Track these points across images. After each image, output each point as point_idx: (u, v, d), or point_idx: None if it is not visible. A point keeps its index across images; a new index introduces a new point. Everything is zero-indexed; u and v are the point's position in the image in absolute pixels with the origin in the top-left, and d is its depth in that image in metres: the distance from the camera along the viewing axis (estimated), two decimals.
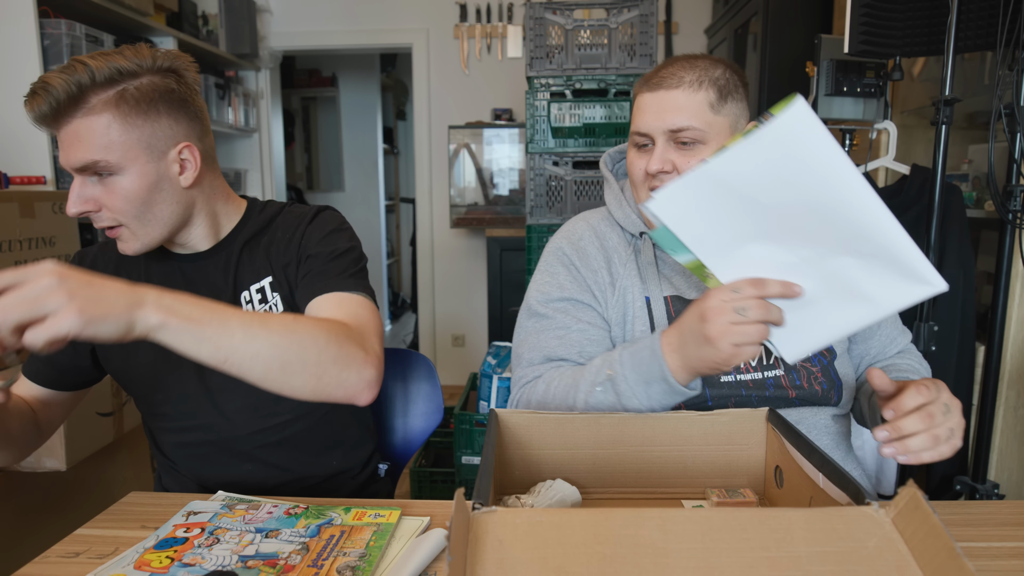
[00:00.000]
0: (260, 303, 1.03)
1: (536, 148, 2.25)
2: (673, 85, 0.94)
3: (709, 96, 0.94)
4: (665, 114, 0.94)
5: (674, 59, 0.98)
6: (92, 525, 0.81)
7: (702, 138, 0.95)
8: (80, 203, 0.91)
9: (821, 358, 1.00)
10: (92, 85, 0.85)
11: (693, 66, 0.95)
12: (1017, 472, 1.70)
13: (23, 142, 2.19)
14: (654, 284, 1.02)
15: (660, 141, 0.96)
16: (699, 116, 0.94)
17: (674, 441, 0.84)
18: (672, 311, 1.00)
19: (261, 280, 1.04)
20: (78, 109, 0.85)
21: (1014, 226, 1.52)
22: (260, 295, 1.04)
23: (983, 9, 1.48)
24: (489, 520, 0.53)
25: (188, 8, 3.16)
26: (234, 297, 1.03)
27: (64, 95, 0.84)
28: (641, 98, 0.98)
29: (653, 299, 1.01)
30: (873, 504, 0.54)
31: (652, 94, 0.96)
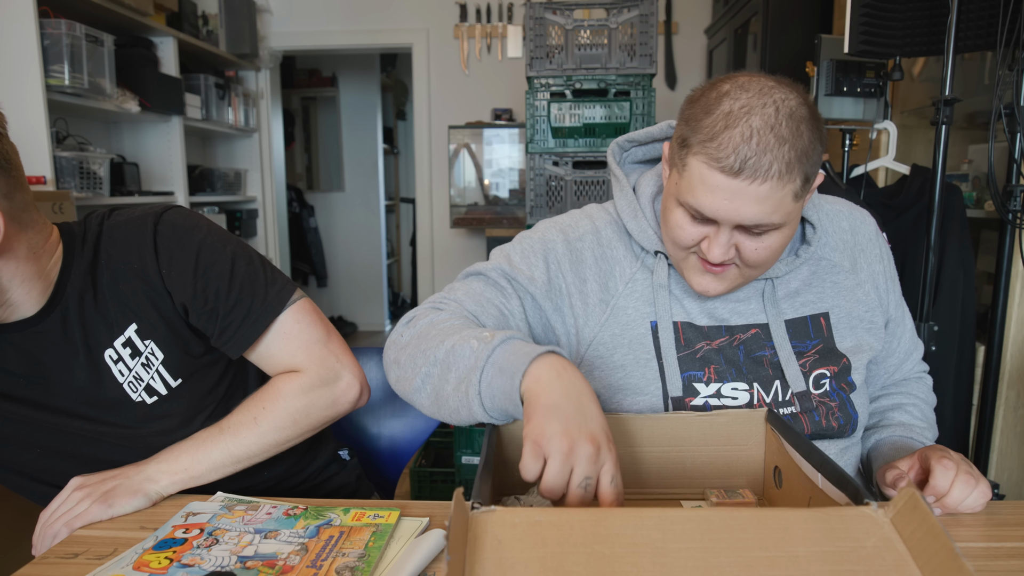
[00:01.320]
0: (132, 357, 0.88)
1: (536, 148, 2.25)
2: (760, 176, 0.73)
3: (795, 186, 0.76)
4: (742, 208, 0.76)
5: (753, 121, 0.74)
6: (91, 526, 0.81)
7: (779, 228, 0.79)
8: None
9: (840, 391, 0.90)
10: None
11: (782, 143, 0.73)
12: (1017, 472, 1.70)
13: (23, 142, 2.18)
14: (664, 308, 0.90)
15: (726, 229, 0.79)
16: (781, 210, 0.77)
17: (673, 441, 0.84)
18: (682, 339, 0.89)
19: (124, 331, 0.87)
20: None
21: (1014, 226, 1.52)
22: (129, 349, 0.88)
23: (983, 9, 1.48)
24: (488, 520, 0.53)
25: (188, 8, 3.16)
26: (93, 360, 0.87)
27: None
28: (708, 173, 0.75)
29: (662, 324, 0.89)
30: (872, 504, 0.54)
31: (728, 179, 0.74)
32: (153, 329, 0.88)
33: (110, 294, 0.87)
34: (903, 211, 1.77)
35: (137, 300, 0.87)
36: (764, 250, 0.81)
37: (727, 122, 0.74)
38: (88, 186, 2.46)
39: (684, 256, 0.86)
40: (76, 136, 2.58)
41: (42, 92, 2.18)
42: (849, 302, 0.93)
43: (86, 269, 0.87)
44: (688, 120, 0.79)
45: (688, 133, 0.78)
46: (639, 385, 0.89)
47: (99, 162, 2.52)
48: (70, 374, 0.88)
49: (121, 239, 0.88)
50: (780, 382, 0.89)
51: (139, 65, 2.75)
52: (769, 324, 0.90)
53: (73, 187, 2.37)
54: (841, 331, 0.92)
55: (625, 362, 0.90)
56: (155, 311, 0.88)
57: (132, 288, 0.87)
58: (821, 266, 0.94)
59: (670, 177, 0.84)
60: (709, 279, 0.85)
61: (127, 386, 0.89)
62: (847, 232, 0.96)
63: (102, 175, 2.54)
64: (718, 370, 0.89)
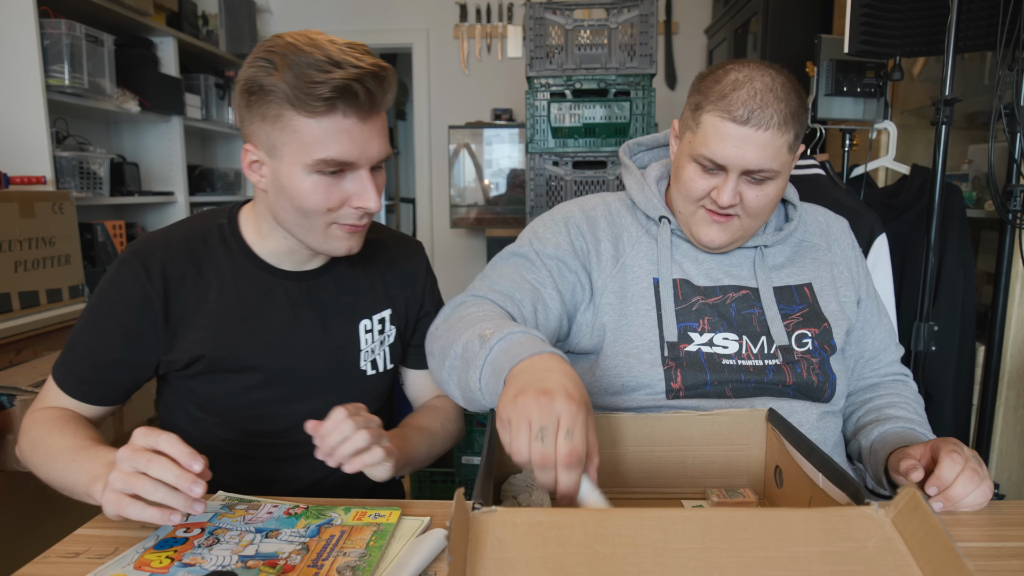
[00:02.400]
0: (379, 334, 1.03)
1: (536, 148, 2.25)
2: (763, 125, 0.90)
3: (789, 137, 0.93)
4: (748, 153, 0.91)
5: (755, 83, 0.91)
6: (92, 525, 0.81)
7: (775, 176, 0.94)
8: None
9: (821, 351, 1.00)
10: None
11: (779, 100, 0.91)
12: (1017, 472, 1.70)
13: (23, 142, 2.19)
14: (666, 267, 1.02)
15: (734, 175, 0.94)
16: (779, 158, 0.93)
17: (674, 441, 0.84)
18: (680, 294, 1.01)
19: (381, 311, 1.03)
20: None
21: (1014, 226, 1.52)
22: (380, 326, 1.03)
23: (983, 9, 1.48)
24: (489, 520, 0.53)
25: (188, 8, 3.16)
26: (353, 323, 1.00)
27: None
28: (721, 124, 0.92)
29: (663, 281, 1.02)
30: (873, 504, 0.54)
31: (738, 127, 0.90)
32: (399, 319, 1.05)
33: (380, 279, 1.03)
34: (903, 211, 1.77)
35: (399, 296, 1.05)
36: (763, 197, 0.95)
37: (735, 86, 0.92)
38: (88, 186, 2.46)
39: (694, 210, 1.00)
40: (76, 136, 2.58)
41: (42, 92, 2.18)
42: (828, 274, 1.07)
43: (367, 249, 1.00)
44: (700, 90, 0.96)
45: (701, 99, 0.95)
46: (639, 332, 0.99)
47: (99, 162, 2.52)
48: (324, 328, 0.99)
49: (407, 248, 1.09)
50: (766, 337, 1.00)
51: (139, 65, 2.75)
52: (759, 288, 1.03)
53: (73, 187, 2.37)
54: (825, 298, 1.05)
55: (628, 311, 1.01)
56: (405, 309, 1.06)
57: (398, 286, 1.05)
58: (802, 246, 1.09)
59: (683, 140, 1.00)
60: (716, 229, 0.99)
61: (362, 354, 1.02)
62: (823, 224, 1.12)
63: (102, 175, 2.53)
64: (711, 321, 1.00)
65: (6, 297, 1.82)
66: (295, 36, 0.81)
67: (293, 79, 0.78)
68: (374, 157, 0.85)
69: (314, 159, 0.81)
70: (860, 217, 1.64)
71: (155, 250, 0.92)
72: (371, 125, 0.83)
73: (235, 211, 0.98)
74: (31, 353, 1.83)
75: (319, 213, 0.85)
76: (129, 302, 0.90)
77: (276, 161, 0.84)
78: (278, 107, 0.80)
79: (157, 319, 0.91)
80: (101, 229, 2.44)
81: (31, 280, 1.91)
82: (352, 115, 0.80)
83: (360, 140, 0.82)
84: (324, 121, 0.80)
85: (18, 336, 1.81)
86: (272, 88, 0.79)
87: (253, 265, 0.95)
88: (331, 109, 0.79)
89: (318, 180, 0.83)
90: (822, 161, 1.81)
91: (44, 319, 1.90)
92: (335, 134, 0.80)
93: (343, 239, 0.89)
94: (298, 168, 0.83)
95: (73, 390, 0.92)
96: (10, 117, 2.19)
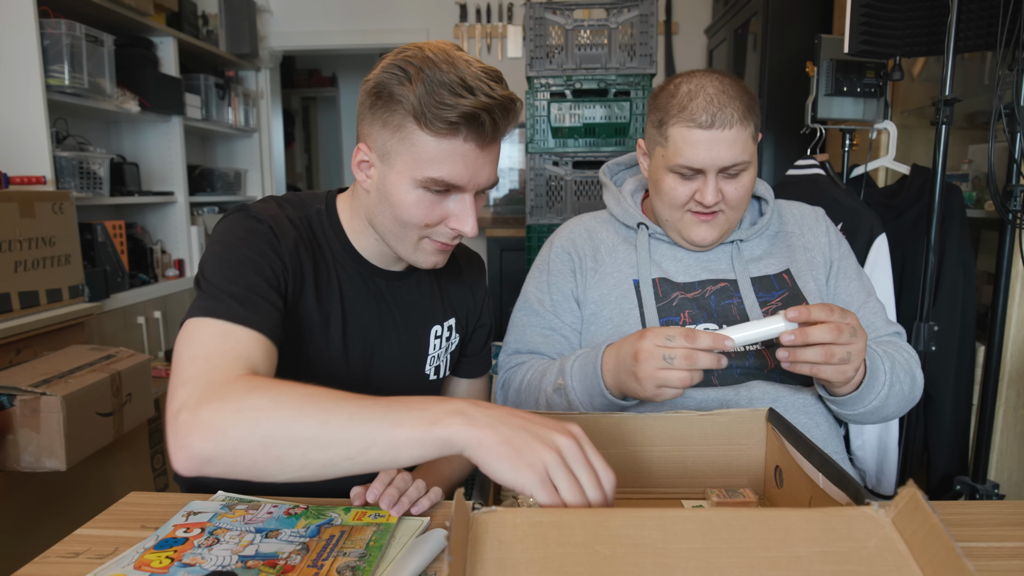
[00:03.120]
0: (446, 340, 1.06)
1: (536, 148, 2.25)
2: (727, 124, 0.97)
3: (751, 129, 1.00)
4: (720, 153, 0.98)
5: (708, 89, 0.99)
6: (92, 525, 0.81)
7: (747, 167, 1.01)
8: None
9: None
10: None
11: (733, 99, 0.98)
12: (1017, 472, 1.70)
13: (23, 142, 2.19)
14: (645, 268, 1.10)
15: (712, 175, 1.00)
16: (747, 149, 1.00)
17: (674, 441, 0.84)
18: (659, 292, 1.08)
19: (449, 318, 1.06)
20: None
21: (1014, 226, 1.52)
22: (448, 332, 1.06)
23: (983, 9, 1.48)
24: (489, 520, 0.53)
25: (188, 8, 3.16)
26: (426, 328, 1.02)
27: None
28: (688, 133, 0.99)
29: (643, 281, 1.09)
30: (873, 504, 0.54)
31: (705, 132, 0.98)
32: (462, 328, 1.08)
33: (443, 285, 1.06)
34: (903, 211, 1.77)
35: (461, 305, 1.08)
36: (741, 188, 1.02)
37: (691, 96, 0.99)
38: (88, 186, 2.46)
39: (680, 215, 1.06)
40: (76, 136, 2.58)
41: (42, 92, 2.18)
42: (804, 257, 1.13)
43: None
44: (658, 107, 1.03)
45: (662, 115, 1.02)
46: (624, 329, 1.05)
47: (99, 162, 2.52)
48: (403, 328, 1.01)
49: (471, 258, 1.13)
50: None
51: (139, 65, 2.75)
52: (737, 279, 1.08)
53: (73, 187, 2.37)
54: (803, 278, 1.10)
55: (613, 315, 1.09)
56: (466, 319, 1.09)
57: (460, 296, 1.08)
58: (778, 236, 1.15)
59: (654, 156, 1.06)
60: (705, 228, 1.06)
61: (428, 359, 1.04)
62: (797, 215, 1.18)
63: (102, 175, 2.53)
64: (692, 314, 1.06)
65: (6, 297, 1.82)
66: (434, 50, 0.81)
67: (424, 95, 0.78)
68: (482, 184, 0.86)
69: (425, 176, 0.82)
70: (860, 217, 1.64)
71: (283, 221, 0.88)
72: (488, 153, 0.84)
73: (332, 199, 0.98)
74: (31, 353, 1.83)
75: (416, 227, 0.86)
76: (269, 252, 0.84)
77: (387, 167, 0.85)
78: (402, 117, 0.81)
79: (285, 283, 0.86)
80: (101, 229, 2.44)
81: (31, 280, 1.91)
82: (472, 141, 0.81)
83: (474, 166, 0.83)
84: (444, 142, 0.80)
85: (18, 336, 1.81)
86: (401, 98, 0.80)
87: (349, 256, 0.96)
88: (454, 132, 0.80)
89: (423, 195, 0.84)
90: (822, 161, 1.81)
91: (44, 319, 1.90)
92: (452, 156, 0.81)
93: (432, 254, 0.90)
94: (406, 179, 0.83)
95: (263, 327, 0.77)
96: (10, 117, 2.19)
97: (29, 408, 1.45)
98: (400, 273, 1.00)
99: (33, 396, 1.45)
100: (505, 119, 0.82)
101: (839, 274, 1.13)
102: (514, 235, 3.31)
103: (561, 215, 2.24)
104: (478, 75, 0.79)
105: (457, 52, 0.82)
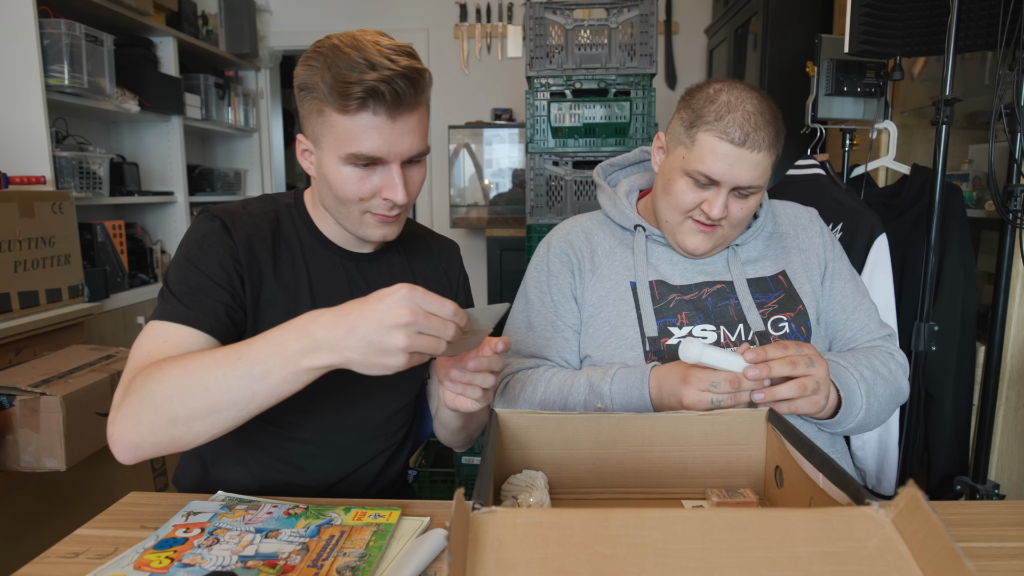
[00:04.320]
0: None
1: (536, 148, 2.25)
2: (757, 146, 0.97)
3: (774, 158, 1.01)
4: (742, 172, 0.98)
5: (747, 106, 0.98)
6: (92, 525, 0.81)
7: (759, 191, 1.02)
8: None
9: (799, 334, 1.06)
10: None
11: (768, 124, 0.98)
12: (1017, 472, 1.70)
13: (23, 142, 2.19)
14: (642, 270, 1.10)
15: (725, 190, 1.00)
16: (765, 175, 1.01)
17: (674, 441, 0.84)
18: (656, 294, 1.09)
19: None
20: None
21: (1014, 226, 1.52)
22: None
23: (983, 9, 1.48)
24: (489, 520, 0.53)
25: (188, 8, 3.16)
26: None
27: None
28: (718, 144, 0.98)
29: (639, 283, 1.09)
30: (873, 504, 0.54)
31: (734, 148, 0.97)
32: None
33: (415, 268, 1.08)
34: (903, 211, 1.77)
35: (435, 285, 1.09)
36: (746, 209, 1.03)
37: (729, 107, 0.98)
38: (88, 186, 2.46)
39: (681, 220, 1.06)
40: (76, 136, 2.58)
41: (42, 92, 2.18)
42: (799, 259, 1.14)
43: (407, 237, 1.09)
44: (692, 107, 1.01)
45: (694, 117, 1.00)
46: (622, 332, 1.07)
47: (99, 162, 2.52)
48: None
49: (440, 242, 1.15)
50: (743, 325, 1.06)
51: (139, 65, 2.75)
52: (733, 281, 1.09)
53: (73, 187, 2.37)
54: (799, 280, 1.11)
55: (610, 317, 1.09)
56: (452, 298, 1.05)
57: (434, 276, 1.10)
58: (773, 238, 1.16)
59: (674, 154, 1.05)
60: (701, 238, 1.06)
61: None
62: (791, 216, 1.19)
63: (102, 175, 2.53)
64: (689, 315, 1.07)
65: (6, 297, 1.82)
66: (342, 37, 0.87)
67: (331, 79, 0.84)
68: (404, 153, 0.89)
69: (346, 152, 0.87)
70: (860, 217, 1.64)
71: (241, 216, 0.97)
72: (402, 123, 0.87)
73: (300, 193, 1.05)
74: (31, 353, 1.83)
75: (352, 202, 0.91)
76: (220, 249, 0.93)
77: (320, 151, 0.91)
78: (320, 103, 0.87)
79: (240, 275, 0.93)
80: (101, 229, 2.44)
81: (31, 280, 1.91)
82: (382, 114, 0.85)
83: (390, 137, 0.87)
84: (356, 119, 0.85)
85: (18, 336, 1.81)
86: (314, 86, 0.86)
87: (318, 243, 1.02)
88: (362, 107, 0.85)
89: (351, 172, 0.89)
90: (822, 161, 1.81)
91: (44, 319, 1.90)
92: (366, 131, 0.86)
93: (376, 227, 0.95)
94: (334, 159, 0.89)
95: (197, 321, 0.86)
96: (10, 117, 2.19)
97: (29, 408, 1.45)
98: (369, 255, 1.04)
99: (33, 396, 1.45)
100: (411, 88, 0.86)
101: (833, 275, 1.14)
102: (514, 235, 3.31)
103: (561, 215, 2.24)
104: (382, 51, 0.85)
105: (369, 36, 0.87)
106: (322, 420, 1.00)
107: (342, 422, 1.01)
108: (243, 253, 0.94)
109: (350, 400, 1.01)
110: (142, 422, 0.75)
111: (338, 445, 1.02)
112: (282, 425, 0.99)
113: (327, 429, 1.01)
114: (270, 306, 0.96)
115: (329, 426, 1.01)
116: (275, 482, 0.99)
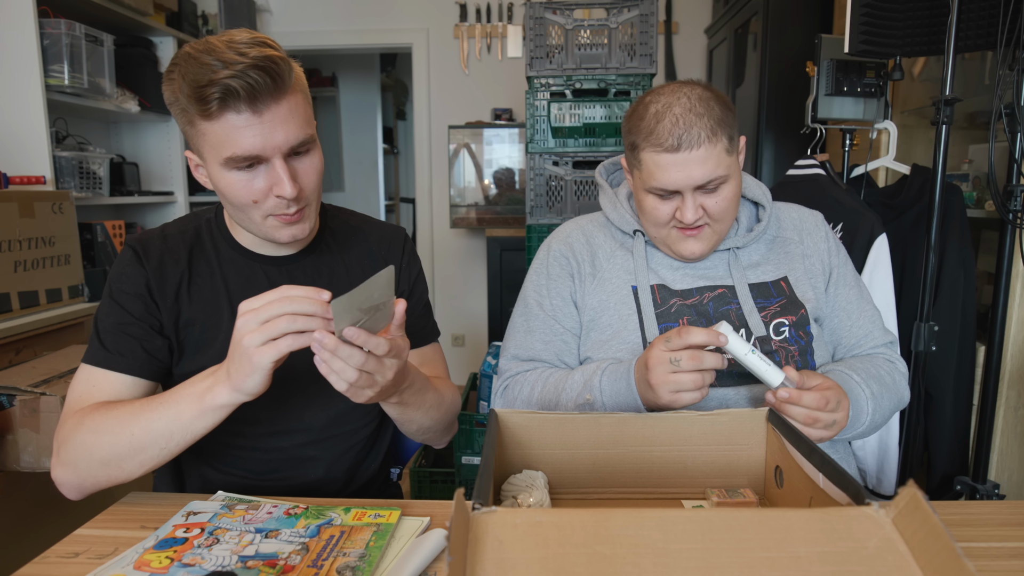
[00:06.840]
0: None
1: (536, 148, 2.25)
2: (694, 144, 0.96)
3: (724, 143, 0.98)
4: (693, 172, 0.97)
5: (674, 110, 0.97)
6: (92, 525, 0.81)
7: (726, 180, 1.00)
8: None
9: (799, 339, 1.05)
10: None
11: (700, 117, 0.96)
12: (1017, 472, 1.70)
13: (23, 142, 2.19)
14: (643, 275, 1.10)
15: (688, 193, 1.00)
16: (721, 164, 0.98)
17: (674, 441, 0.84)
18: (658, 298, 1.08)
19: None
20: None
21: (1014, 226, 1.52)
22: None
23: (983, 9, 1.48)
24: (489, 520, 0.53)
25: (188, 8, 3.15)
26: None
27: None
28: (658, 157, 0.98)
29: (640, 288, 1.09)
30: (873, 504, 0.54)
31: (672, 155, 0.97)
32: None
33: (348, 264, 1.06)
34: (903, 211, 1.77)
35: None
36: (723, 201, 1.01)
37: (657, 118, 0.98)
38: (88, 186, 2.46)
39: (666, 232, 1.07)
40: (76, 136, 2.58)
41: (42, 92, 2.18)
42: (801, 265, 1.12)
43: (344, 235, 1.08)
44: (629, 131, 1.03)
45: (633, 138, 1.02)
46: (623, 336, 1.07)
47: (99, 162, 2.52)
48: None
49: (382, 232, 1.12)
50: (744, 329, 1.05)
51: (139, 65, 2.75)
52: (735, 285, 1.08)
53: (73, 187, 2.37)
54: (801, 287, 1.10)
55: (612, 321, 1.09)
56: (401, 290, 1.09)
57: (373, 270, 1.09)
58: (776, 242, 1.15)
59: (633, 176, 1.07)
60: (692, 242, 1.05)
61: None
62: (796, 219, 1.17)
63: (102, 175, 2.53)
64: (690, 320, 1.06)
65: (6, 297, 1.82)
66: (196, 44, 0.83)
67: (188, 88, 0.81)
68: (281, 145, 0.85)
69: (223, 157, 0.85)
70: (860, 217, 1.64)
71: (154, 240, 0.98)
72: (269, 116, 0.83)
73: (220, 207, 1.03)
74: (31, 353, 1.83)
75: (249, 206, 0.89)
76: (134, 279, 0.95)
77: (205, 162, 0.89)
78: (188, 115, 0.84)
79: (155, 302, 0.95)
80: (101, 229, 2.44)
81: (31, 280, 1.91)
82: (244, 111, 0.82)
83: (260, 133, 0.83)
84: (221, 122, 0.82)
85: (18, 336, 1.81)
86: (176, 100, 0.84)
87: (236, 252, 1.00)
88: (223, 108, 0.81)
89: (236, 176, 0.86)
90: (822, 161, 1.81)
91: (44, 319, 1.90)
92: (235, 131, 0.83)
93: (282, 228, 0.92)
94: (217, 167, 0.87)
95: (118, 364, 0.91)
96: (10, 117, 2.18)
97: (29, 408, 1.45)
98: (293, 256, 1.02)
99: (33, 396, 1.45)
100: (267, 77, 0.81)
101: (838, 282, 1.13)
102: (514, 235, 3.31)
103: (561, 215, 2.24)
104: (234, 47, 0.81)
105: (225, 36, 0.83)
106: (260, 427, 0.99)
107: (281, 426, 1.00)
108: (154, 280, 0.94)
109: (287, 403, 0.99)
110: (80, 467, 0.85)
111: (286, 449, 1.01)
112: (228, 434, 0.96)
113: (268, 434, 1.00)
114: (189, 325, 0.96)
115: (269, 431, 0.99)
116: (244, 489, 0.96)
